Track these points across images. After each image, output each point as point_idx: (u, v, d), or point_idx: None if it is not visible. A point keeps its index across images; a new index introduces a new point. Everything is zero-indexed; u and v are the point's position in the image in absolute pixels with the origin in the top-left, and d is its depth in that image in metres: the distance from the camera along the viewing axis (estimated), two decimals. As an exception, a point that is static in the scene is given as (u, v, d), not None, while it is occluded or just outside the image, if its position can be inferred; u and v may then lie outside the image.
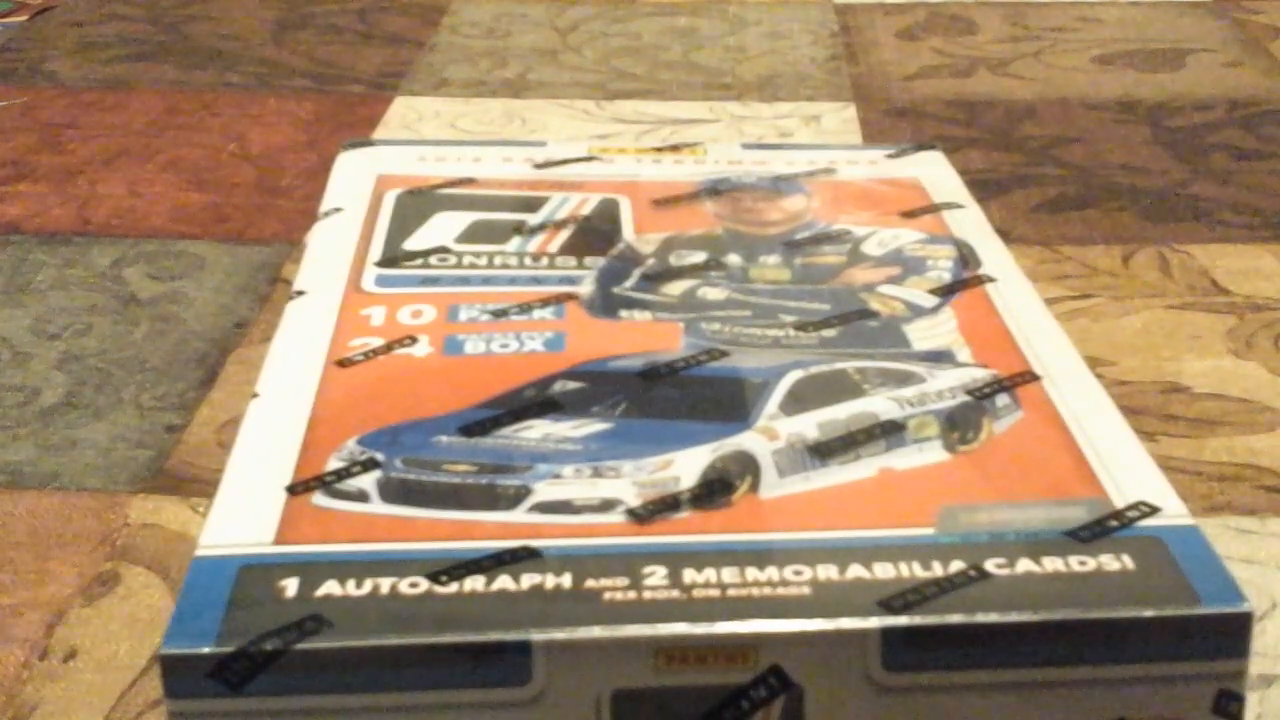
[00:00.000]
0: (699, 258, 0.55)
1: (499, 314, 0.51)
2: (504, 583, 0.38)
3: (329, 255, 0.55)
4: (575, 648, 0.36)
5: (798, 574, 0.38)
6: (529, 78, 1.13)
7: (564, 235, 0.56)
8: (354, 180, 0.61)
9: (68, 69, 1.15)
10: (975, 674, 0.37)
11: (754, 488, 0.42)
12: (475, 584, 0.38)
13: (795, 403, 0.45)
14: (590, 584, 0.38)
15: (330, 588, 0.38)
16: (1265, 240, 0.87)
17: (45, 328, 0.78)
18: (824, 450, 0.43)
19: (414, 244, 0.56)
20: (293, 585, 0.38)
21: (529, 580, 0.38)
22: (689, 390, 0.46)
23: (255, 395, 0.46)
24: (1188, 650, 0.37)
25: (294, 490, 0.42)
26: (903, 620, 0.37)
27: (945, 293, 0.52)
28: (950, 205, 0.59)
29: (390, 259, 0.54)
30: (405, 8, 1.29)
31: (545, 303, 0.51)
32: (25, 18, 1.27)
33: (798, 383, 0.46)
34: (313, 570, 0.38)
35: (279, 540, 0.40)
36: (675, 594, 0.37)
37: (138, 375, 0.74)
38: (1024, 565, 0.39)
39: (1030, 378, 0.47)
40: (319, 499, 0.41)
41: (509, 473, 0.42)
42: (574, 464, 0.42)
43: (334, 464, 0.43)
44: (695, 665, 0.37)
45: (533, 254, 0.55)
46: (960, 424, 0.45)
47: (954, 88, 1.11)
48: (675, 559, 0.39)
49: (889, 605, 0.37)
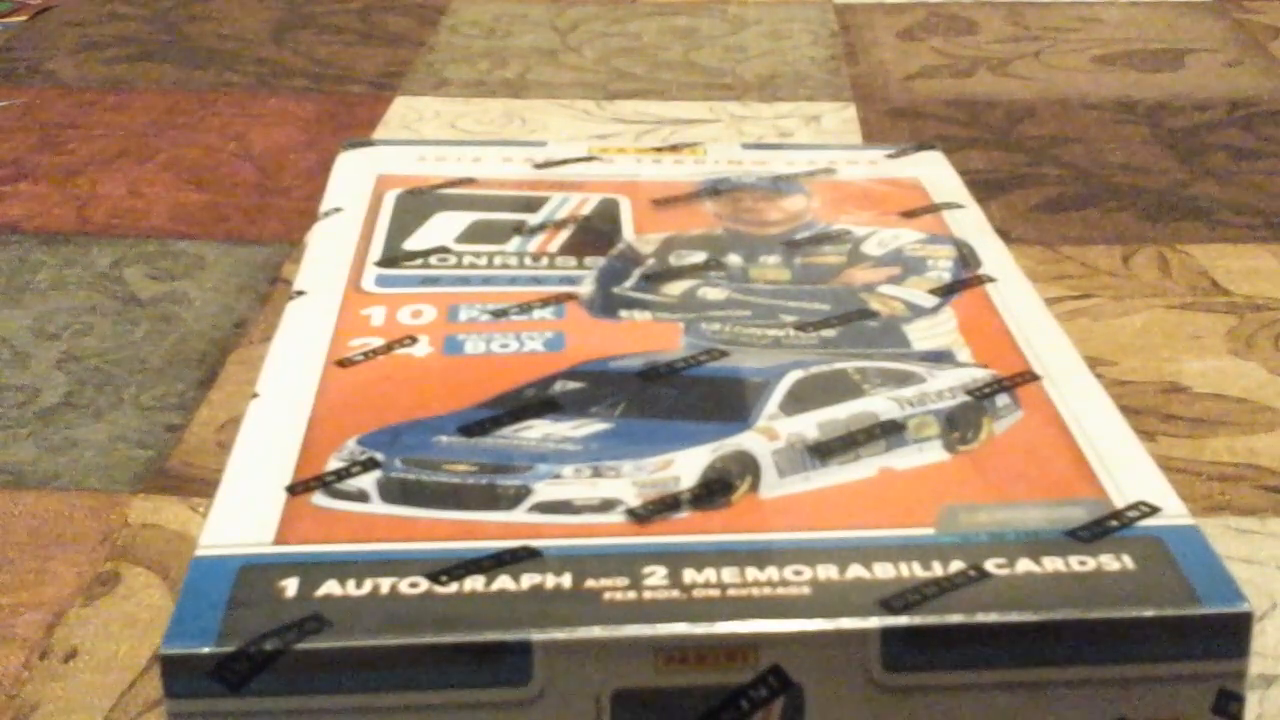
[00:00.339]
0: (699, 258, 0.55)
1: (499, 314, 0.51)
2: (504, 583, 0.38)
3: (329, 255, 0.55)
4: (575, 648, 0.36)
5: (798, 574, 0.38)
6: (529, 78, 1.13)
7: (564, 235, 0.56)
8: (354, 180, 0.61)
9: (68, 69, 1.15)
10: (975, 674, 0.37)
11: (754, 488, 0.42)
12: (475, 584, 0.38)
13: (795, 403, 0.45)
14: (590, 584, 0.38)
15: (330, 588, 0.38)
16: (1265, 240, 0.87)
17: (45, 328, 0.78)
18: (824, 450, 0.43)
19: (414, 244, 0.55)
20: (293, 585, 0.38)
21: (529, 580, 0.38)
22: (689, 390, 0.46)
23: (255, 395, 0.46)
24: (1188, 650, 0.37)
25: (294, 490, 0.42)
26: (903, 620, 0.37)
27: (945, 293, 0.52)
28: (950, 205, 0.59)
29: (390, 259, 0.54)
30: (405, 8, 1.29)
31: (545, 303, 0.51)
32: (25, 18, 1.27)
33: (798, 383, 0.46)
34: (313, 570, 0.38)
35: (279, 540, 0.40)
36: (675, 594, 0.37)
37: (138, 375, 0.74)
38: (1024, 565, 0.39)
39: (1030, 378, 0.47)
40: (319, 499, 0.41)
41: (509, 473, 0.42)
42: (574, 464, 0.42)
43: (334, 464, 0.43)
44: (695, 665, 0.37)
45: (533, 254, 0.55)
46: (960, 424, 0.45)
47: (954, 88, 1.11)
48: (675, 559, 0.39)
49: (889, 605, 0.37)
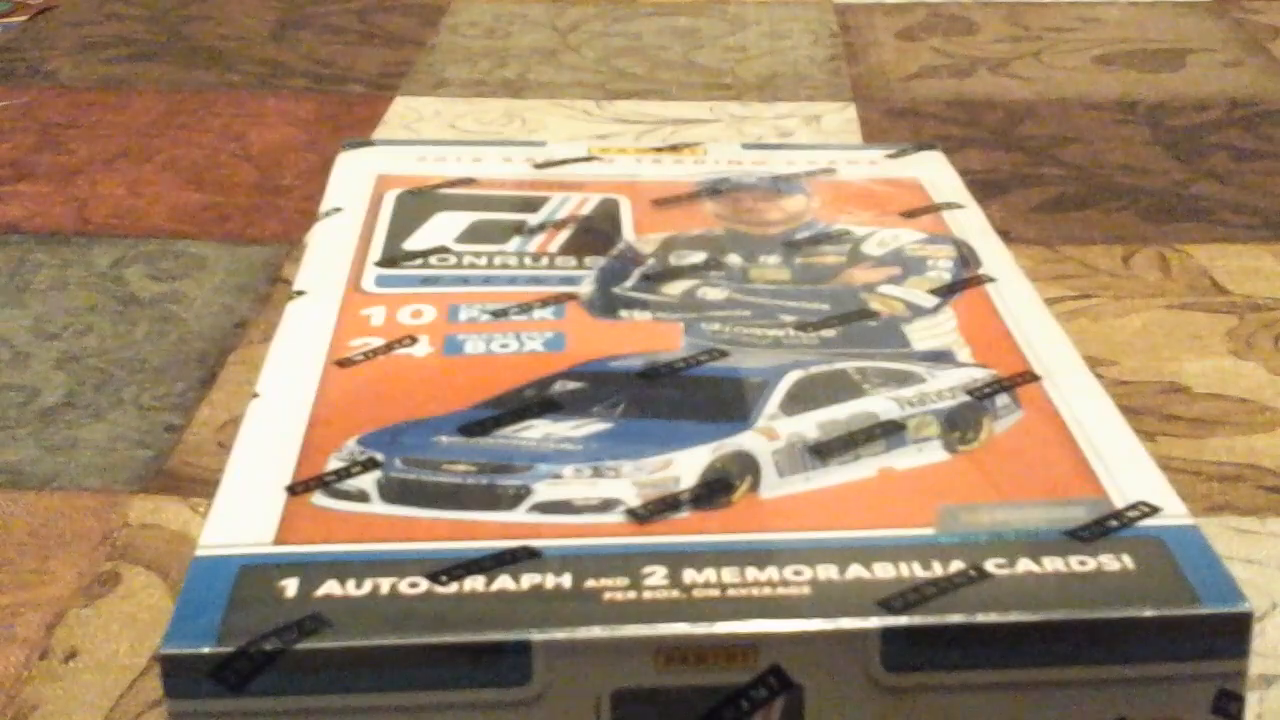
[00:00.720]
0: (699, 258, 0.55)
1: (499, 314, 0.51)
2: (504, 583, 0.38)
3: (329, 255, 0.55)
4: (575, 648, 0.36)
5: (798, 574, 0.38)
6: (529, 78, 1.13)
7: (564, 235, 0.56)
8: (354, 180, 0.61)
9: (68, 69, 1.15)
10: (975, 674, 0.37)
11: (754, 488, 0.42)
12: (475, 584, 0.38)
13: (795, 403, 0.45)
14: (590, 584, 0.38)
15: (330, 588, 0.38)
16: (1265, 240, 0.87)
17: (45, 328, 0.78)
18: (824, 450, 0.43)
19: (414, 244, 0.55)
20: (293, 585, 0.38)
21: (529, 580, 0.38)
22: (689, 390, 0.46)
23: (255, 395, 0.46)
24: (1187, 650, 0.37)
25: (294, 490, 0.42)
26: (903, 620, 0.37)
27: (945, 293, 0.52)
28: (950, 205, 0.59)
29: (390, 259, 0.54)
30: (405, 8, 1.29)
31: (545, 303, 0.51)
32: (25, 18, 1.27)
33: (797, 383, 0.46)
34: (313, 570, 0.38)
35: (279, 540, 0.39)
36: (675, 594, 0.37)
37: (138, 375, 0.74)
38: (1024, 565, 0.39)
39: (1030, 378, 0.47)
40: (319, 499, 0.41)
41: (509, 473, 0.42)
42: (574, 464, 0.42)
43: (334, 464, 0.43)
44: (695, 665, 0.37)
45: (533, 254, 0.55)
46: (960, 424, 0.45)
47: (954, 88, 1.11)
48: (675, 559, 0.39)
49: (889, 605, 0.37)
